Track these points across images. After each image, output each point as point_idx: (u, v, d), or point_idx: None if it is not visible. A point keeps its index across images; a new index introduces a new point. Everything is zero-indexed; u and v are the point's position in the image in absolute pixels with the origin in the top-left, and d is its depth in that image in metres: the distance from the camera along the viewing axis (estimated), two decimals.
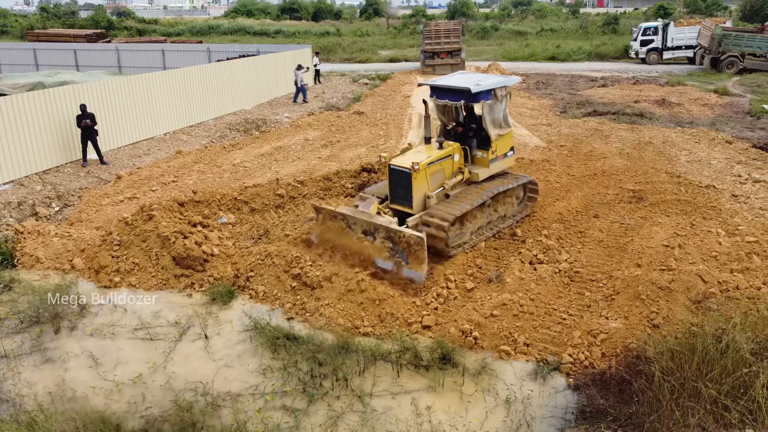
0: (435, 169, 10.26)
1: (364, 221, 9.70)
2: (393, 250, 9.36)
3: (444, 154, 10.40)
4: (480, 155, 10.96)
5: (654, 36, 36.94)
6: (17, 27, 59.29)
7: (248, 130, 20.02)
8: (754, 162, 15.05)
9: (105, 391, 6.95)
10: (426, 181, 10.14)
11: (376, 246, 9.52)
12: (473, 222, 10.44)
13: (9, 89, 18.52)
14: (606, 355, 7.37)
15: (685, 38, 36.58)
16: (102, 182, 14.36)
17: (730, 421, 5.80)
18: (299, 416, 6.50)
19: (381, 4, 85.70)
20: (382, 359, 7.42)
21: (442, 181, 10.41)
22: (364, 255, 9.45)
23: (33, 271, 10.00)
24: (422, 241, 8.97)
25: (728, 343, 6.29)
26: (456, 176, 10.61)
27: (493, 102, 10.58)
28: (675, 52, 37.01)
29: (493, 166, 11.03)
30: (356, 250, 9.57)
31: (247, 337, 8.05)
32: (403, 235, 9.19)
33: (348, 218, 9.89)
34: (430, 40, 34.03)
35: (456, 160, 10.59)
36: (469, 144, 10.87)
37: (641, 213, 11.56)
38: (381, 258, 9.40)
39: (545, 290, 8.77)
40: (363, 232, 9.73)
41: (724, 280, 8.39)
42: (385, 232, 9.45)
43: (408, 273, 9.18)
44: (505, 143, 11.19)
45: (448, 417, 6.50)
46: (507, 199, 11.21)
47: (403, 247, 9.23)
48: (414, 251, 9.10)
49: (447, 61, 33.58)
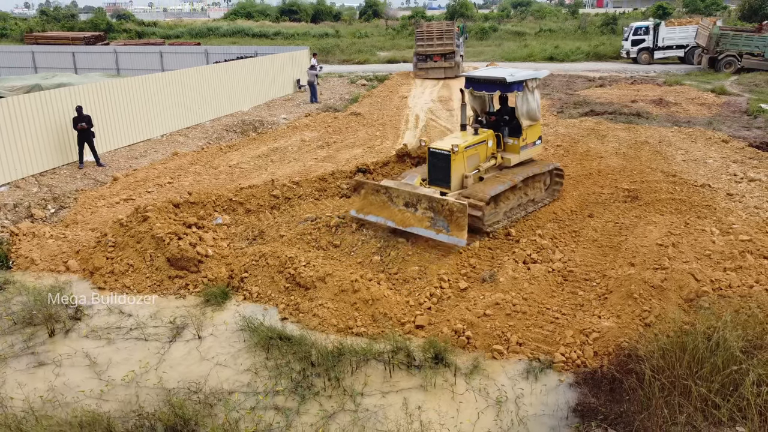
0: (471, 152, 11.18)
1: (407, 193, 10.47)
2: (434, 219, 10.09)
3: (479, 140, 11.34)
4: (511, 142, 11.92)
5: (645, 36, 36.91)
6: (17, 30, 59.40)
7: (245, 132, 20.04)
8: (750, 161, 15.05)
9: (97, 393, 6.96)
10: (463, 164, 11.03)
11: (417, 216, 10.27)
12: (506, 203, 11.29)
13: (6, 91, 18.56)
14: (598, 354, 7.38)
15: (676, 38, 36.60)
16: (98, 184, 14.38)
17: (720, 418, 5.80)
18: (291, 416, 6.50)
19: (380, 5, 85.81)
20: (375, 359, 7.43)
21: (477, 164, 11.35)
22: (405, 224, 10.29)
23: (28, 273, 10.02)
24: (464, 208, 9.76)
25: (718, 341, 6.29)
26: (489, 161, 11.64)
27: (525, 92, 11.50)
28: (666, 52, 37.01)
29: (523, 153, 11.97)
30: (399, 221, 10.38)
31: (241, 337, 8.06)
32: (446, 203, 9.93)
33: (391, 191, 10.65)
34: (422, 42, 31.94)
35: (490, 145, 11.60)
36: (501, 131, 11.80)
37: (636, 212, 11.57)
38: (422, 227, 10.14)
39: (538, 290, 8.77)
40: (405, 204, 10.51)
41: (717, 279, 8.39)
42: (427, 202, 10.17)
43: (449, 239, 9.86)
44: (534, 132, 12.14)
45: (439, 416, 6.51)
46: (536, 184, 12.07)
47: (445, 215, 9.95)
48: (456, 218, 9.82)
49: (441, 65, 31.67)
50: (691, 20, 38.35)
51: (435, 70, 31.59)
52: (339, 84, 31.02)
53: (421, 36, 32.03)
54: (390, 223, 10.55)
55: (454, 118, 21.75)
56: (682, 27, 36.64)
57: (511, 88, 11.29)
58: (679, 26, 36.84)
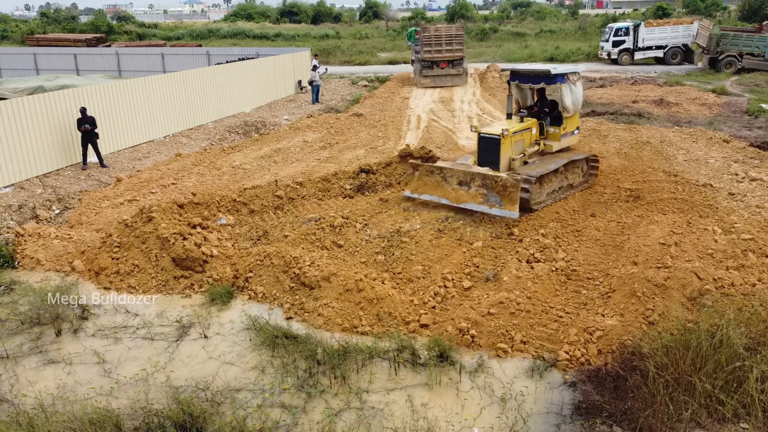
0: (518, 138, 12.26)
1: (461, 172, 11.65)
2: (487, 195, 11.25)
3: (525, 127, 12.49)
4: (552, 131, 12.92)
5: (625, 37, 36.91)
6: (17, 32, 59.49)
7: (247, 133, 20.11)
8: (751, 160, 15.11)
9: (106, 390, 7.02)
10: (511, 148, 12.10)
11: (470, 193, 11.47)
12: (549, 185, 12.25)
13: (9, 93, 18.62)
14: (602, 351, 7.42)
15: (656, 38, 36.64)
16: (102, 185, 14.45)
17: (724, 415, 5.86)
18: (297, 413, 6.56)
19: (380, 6, 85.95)
20: (380, 357, 7.48)
21: (522, 149, 12.40)
22: (459, 201, 11.54)
23: (33, 273, 10.08)
24: (518, 184, 10.91)
25: (722, 339, 6.35)
26: (533, 146, 12.70)
27: (567, 84, 12.51)
28: (646, 53, 37.05)
29: (564, 140, 12.97)
30: (453, 198, 11.62)
31: (247, 336, 8.11)
32: (500, 179, 11.08)
33: (446, 171, 11.87)
34: (429, 47, 28.79)
35: (533, 133, 12.69)
36: (544, 120, 12.87)
37: (638, 212, 11.62)
38: (475, 202, 11.33)
39: (542, 288, 8.82)
40: (458, 182, 11.68)
41: (720, 277, 8.44)
42: (481, 179, 11.32)
43: (502, 213, 11.01)
44: (572, 122, 13.14)
45: (445, 413, 6.56)
46: (575, 170, 13.05)
47: (498, 190, 11.11)
48: (509, 193, 10.97)
49: (448, 72, 28.85)
50: (670, 21, 38.47)
51: (441, 78, 28.94)
52: (340, 85, 31.09)
53: (428, 40, 28.92)
54: (444, 201, 11.73)
55: (456, 118, 21.83)
56: (661, 28, 36.77)
57: (555, 80, 12.30)
58: (658, 27, 36.93)
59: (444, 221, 11.15)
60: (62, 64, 32.86)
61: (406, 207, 11.97)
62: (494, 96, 26.35)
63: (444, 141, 18.25)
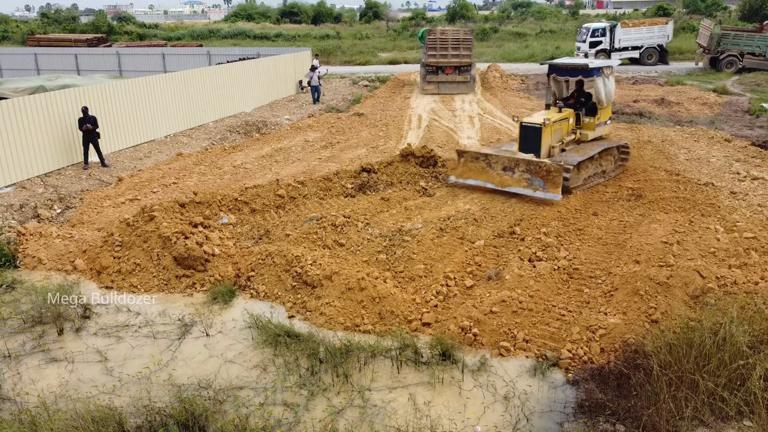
0: (556, 127, 13.27)
1: (506, 158, 12.63)
2: (530, 180, 12.26)
3: (563, 117, 13.48)
4: (588, 121, 13.86)
5: (602, 37, 36.89)
6: (18, 32, 59.53)
7: (248, 132, 20.11)
8: (753, 159, 15.10)
9: (109, 389, 7.01)
10: (550, 136, 13.08)
11: (514, 178, 12.50)
12: (585, 171, 13.17)
13: (11, 93, 18.62)
14: (605, 350, 7.42)
15: (632, 39, 36.68)
16: (103, 184, 14.45)
17: (728, 412, 5.85)
18: (299, 411, 6.55)
19: (380, 7, 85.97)
20: (382, 356, 7.47)
21: (561, 137, 13.41)
22: (503, 185, 12.58)
23: (35, 272, 10.07)
24: (561, 169, 11.91)
25: (725, 337, 6.34)
26: (570, 135, 13.69)
27: (602, 78, 13.39)
28: (622, 53, 37.04)
29: (598, 130, 13.96)
30: (498, 182, 12.65)
31: (249, 335, 8.11)
32: (544, 164, 12.06)
33: (491, 157, 12.89)
34: (434, 51, 26.66)
35: (570, 122, 13.69)
36: (580, 111, 13.82)
37: (640, 210, 11.62)
38: (519, 186, 12.37)
39: (544, 287, 8.81)
40: (503, 168, 12.68)
41: (722, 276, 8.42)
42: (525, 165, 12.31)
43: (546, 195, 12.06)
44: (606, 113, 14.06)
45: (448, 412, 6.55)
46: (608, 157, 13.87)
47: (542, 175, 12.10)
48: (552, 177, 11.98)
49: (453, 78, 26.73)
50: (645, 21, 38.50)
51: (446, 85, 26.86)
52: (341, 85, 31.09)
53: (433, 44, 26.80)
54: (489, 185, 12.81)
55: (457, 118, 21.82)
56: (637, 28, 36.84)
57: (592, 74, 13.27)
58: (634, 28, 36.97)
59: (446, 220, 11.15)
60: (63, 64, 32.87)
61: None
62: (495, 96, 26.33)
63: (445, 140, 18.24)
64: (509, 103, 24.64)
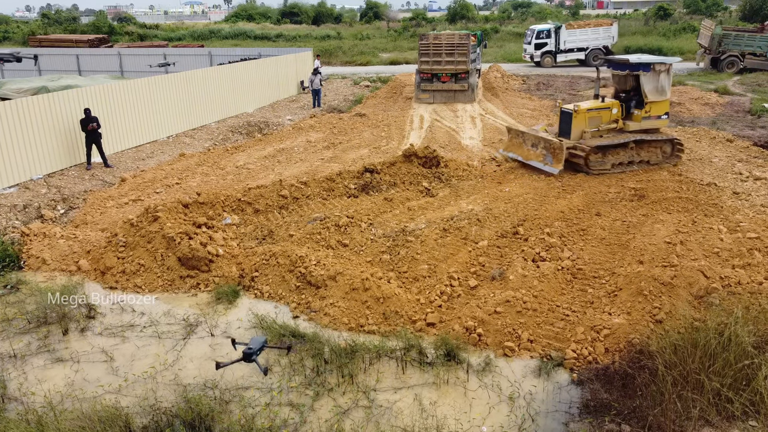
0: (593, 114, 14.45)
1: (533, 136, 14.81)
2: (545, 155, 14.28)
3: (603, 106, 14.57)
4: (636, 113, 14.57)
5: (547, 39, 36.87)
6: (19, 33, 59.53)
7: (251, 133, 20.12)
8: (755, 160, 15.11)
9: (115, 388, 7.03)
10: (585, 122, 14.36)
11: (536, 153, 14.65)
12: (615, 157, 14.21)
13: (13, 94, 18.65)
14: (609, 350, 7.43)
15: (577, 41, 36.68)
16: (106, 185, 14.46)
17: (733, 412, 5.86)
18: (305, 411, 6.56)
19: (381, 7, 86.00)
20: (387, 356, 7.49)
21: (598, 124, 14.51)
22: (528, 159, 14.72)
23: (39, 273, 10.09)
24: (562, 146, 13.79)
25: (730, 337, 6.35)
26: (610, 124, 14.62)
27: (651, 73, 14.07)
28: (568, 55, 37.09)
29: (645, 123, 14.50)
30: (525, 156, 14.82)
31: (254, 335, 8.11)
32: (554, 143, 13.98)
33: (525, 135, 15.11)
34: (427, 57, 24.23)
35: (614, 112, 14.56)
36: (628, 103, 14.63)
37: (643, 211, 11.62)
38: (537, 161, 14.43)
39: (548, 287, 8.83)
40: (531, 144, 14.84)
41: (726, 276, 8.43)
42: (544, 143, 14.32)
43: (547, 168, 14.02)
44: (659, 107, 14.55)
45: (453, 412, 6.56)
46: (651, 149, 14.58)
47: (551, 151, 14.03)
48: (556, 153, 13.94)
49: (450, 87, 24.37)
50: (590, 23, 38.57)
51: (442, 94, 24.68)
52: (342, 85, 31.10)
53: (426, 50, 24.21)
54: (519, 158, 14.92)
55: (459, 118, 21.82)
56: (582, 30, 36.83)
57: (637, 68, 14.12)
58: (579, 29, 36.96)
59: (449, 220, 11.16)
60: (64, 65, 32.86)
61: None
62: (497, 96, 26.33)
63: (447, 141, 18.25)
64: (511, 104, 24.64)
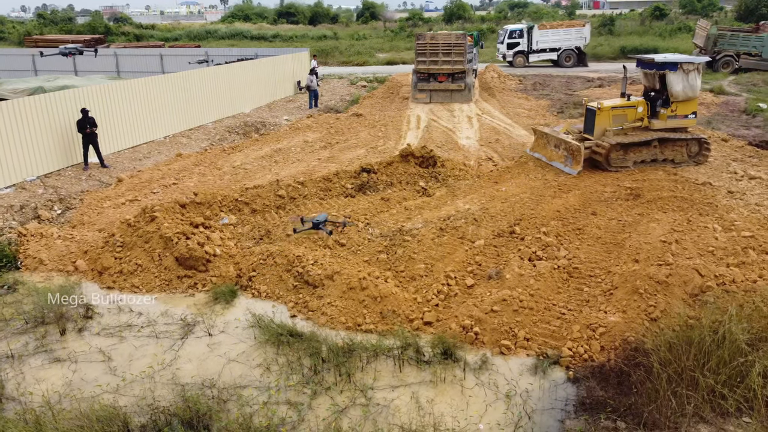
0: (617, 112, 14.56)
1: (555, 138, 14.90)
2: (566, 157, 14.41)
3: (628, 104, 14.64)
4: (662, 111, 14.54)
5: (520, 39, 37.00)
6: (14, 33, 59.41)
7: (247, 133, 20.14)
8: (750, 159, 15.21)
9: (113, 388, 7.04)
10: (608, 120, 14.50)
11: (558, 153, 14.79)
12: (637, 154, 14.35)
13: (9, 94, 18.60)
14: (605, 348, 7.48)
15: (549, 41, 36.83)
16: (103, 185, 14.46)
17: (727, 409, 5.91)
18: (303, 410, 6.59)
19: (378, 7, 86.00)
20: (385, 355, 7.52)
21: (622, 122, 14.60)
22: (550, 159, 14.95)
23: (36, 273, 10.09)
24: (580, 148, 13.89)
25: (724, 334, 6.41)
26: (635, 122, 14.67)
27: (677, 72, 14.06)
28: (540, 55, 37.25)
29: (670, 122, 14.52)
30: (548, 156, 15.04)
31: (251, 334, 8.14)
32: (573, 145, 14.11)
33: (548, 136, 15.25)
34: (424, 57, 24.60)
35: (639, 111, 14.61)
36: (655, 102, 14.61)
37: (638, 210, 11.69)
38: (558, 161, 14.64)
39: (544, 286, 8.87)
40: (554, 145, 15.00)
41: (721, 274, 8.50)
42: (565, 144, 14.45)
43: (567, 169, 14.24)
44: (687, 107, 14.52)
45: (450, 410, 6.60)
46: (676, 148, 14.56)
47: (571, 153, 14.21)
48: (575, 155, 14.10)
49: (447, 86, 24.65)
50: (562, 24, 38.77)
51: (439, 93, 24.97)
52: (339, 85, 31.14)
53: (422, 50, 24.60)
54: (543, 158, 15.12)
55: (456, 118, 21.88)
56: (554, 30, 37.06)
57: (663, 67, 14.22)
58: (551, 29, 37.16)
59: (446, 220, 11.20)
60: (61, 65, 32.73)
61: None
62: (493, 96, 26.40)
63: (444, 141, 18.30)
64: (507, 103, 24.71)
